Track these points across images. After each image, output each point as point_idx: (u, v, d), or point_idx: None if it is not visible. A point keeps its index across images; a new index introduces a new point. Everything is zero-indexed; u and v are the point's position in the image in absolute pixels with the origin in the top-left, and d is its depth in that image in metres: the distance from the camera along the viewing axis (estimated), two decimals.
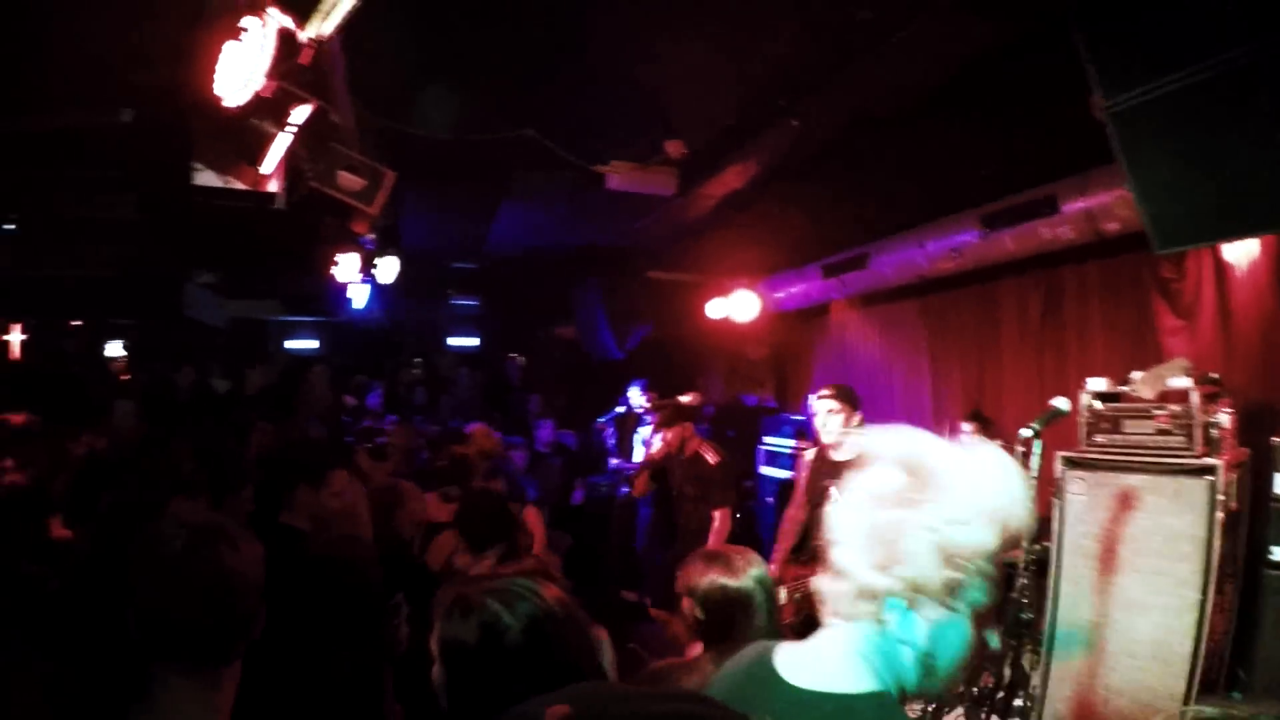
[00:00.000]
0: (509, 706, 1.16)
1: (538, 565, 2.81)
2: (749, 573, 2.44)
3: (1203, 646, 3.79)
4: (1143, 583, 4.11)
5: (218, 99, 2.94)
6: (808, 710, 1.21)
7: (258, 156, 3.41)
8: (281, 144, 3.54)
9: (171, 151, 3.44)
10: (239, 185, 3.52)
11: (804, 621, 3.95)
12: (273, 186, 3.69)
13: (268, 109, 3.28)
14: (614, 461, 7.47)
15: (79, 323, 7.88)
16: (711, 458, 5.51)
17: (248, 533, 1.51)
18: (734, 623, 2.37)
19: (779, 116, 4.85)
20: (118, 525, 2.36)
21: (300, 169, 3.98)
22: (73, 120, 3.33)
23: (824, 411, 4.41)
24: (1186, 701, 3.82)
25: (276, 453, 3.27)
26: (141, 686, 1.34)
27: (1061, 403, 3.59)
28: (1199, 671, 3.80)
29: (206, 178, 3.45)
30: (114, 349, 8.25)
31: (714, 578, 2.44)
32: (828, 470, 4.37)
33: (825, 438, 4.41)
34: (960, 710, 4.96)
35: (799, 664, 1.28)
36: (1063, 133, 4.56)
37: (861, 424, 4.25)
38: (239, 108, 3.07)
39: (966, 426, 6.07)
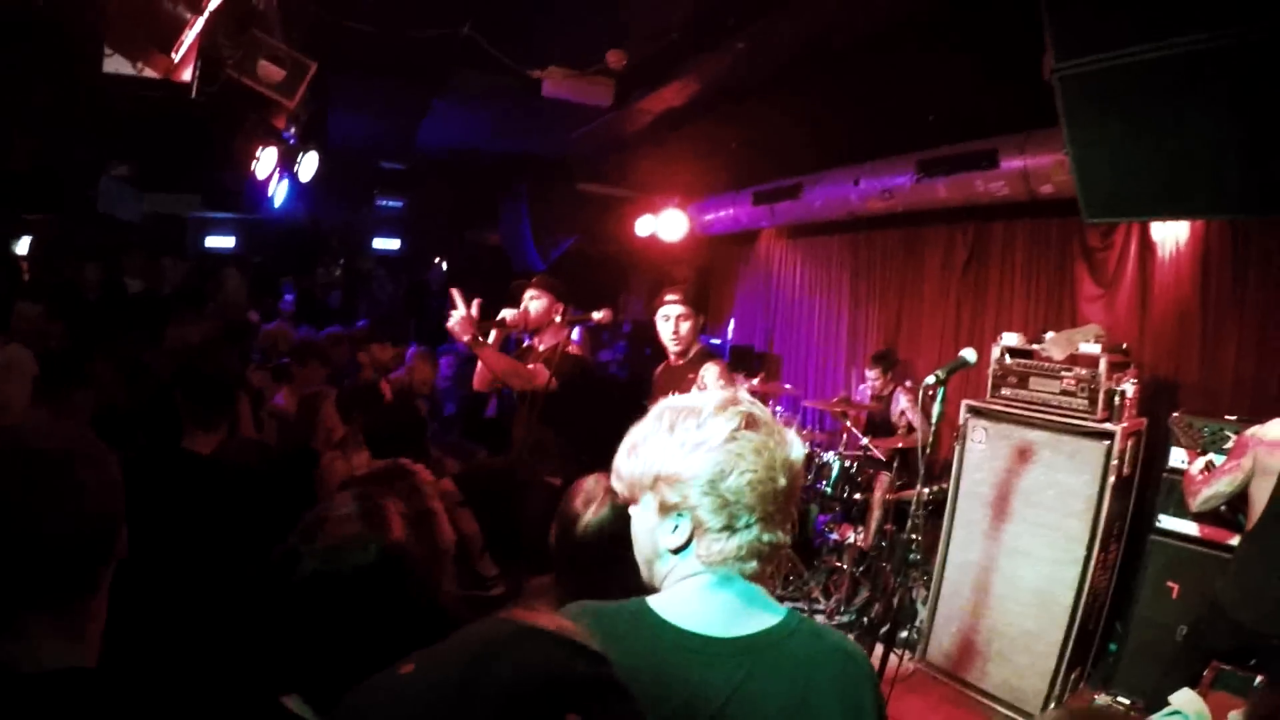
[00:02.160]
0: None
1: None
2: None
3: (1084, 599, 4.06)
4: (1032, 534, 4.35)
5: None
6: (760, 656, 1.21)
7: (171, 43, 3.11)
8: (196, 29, 3.25)
9: (83, 36, 3.11)
10: (151, 73, 3.22)
11: None
12: (186, 75, 3.38)
13: None
14: None
15: None
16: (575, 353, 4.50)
17: (99, 451, 1.36)
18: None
19: (726, 36, 4.69)
20: None
21: (219, 57, 3.67)
22: None
23: (673, 316, 3.89)
24: (1064, 647, 4.10)
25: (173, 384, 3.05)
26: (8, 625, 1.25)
27: (969, 354, 3.66)
28: (1079, 621, 4.07)
29: (117, 64, 3.14)
30: (23, 246, 7.65)
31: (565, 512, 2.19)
32: (674, 378, 3.92)
33: (672, 344, 3.94)
34: (851, 637, 5.24)
35: (709, 612, 1.24)
36: (1009, 89, 4.56)
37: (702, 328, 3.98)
38: None
39: (871, 372, 6.22)
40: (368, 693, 0.68)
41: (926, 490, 5.33)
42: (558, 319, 4.19)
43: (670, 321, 3.89)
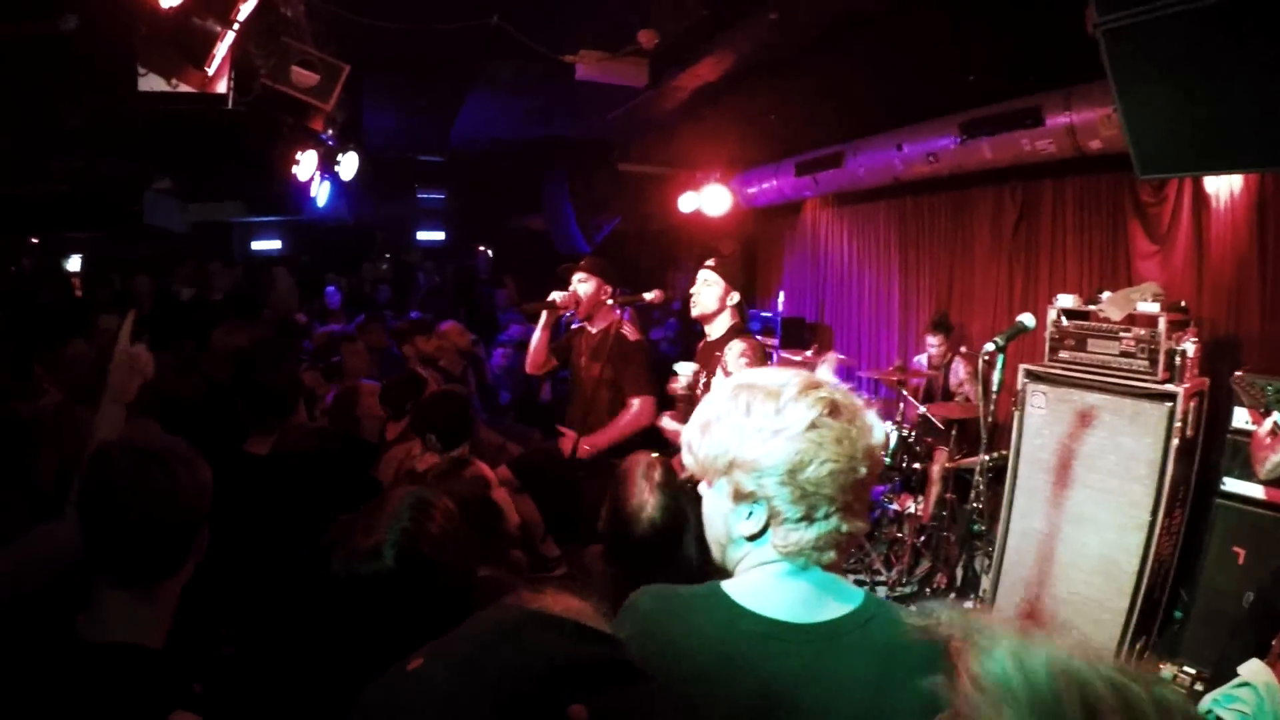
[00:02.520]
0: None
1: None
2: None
3: (1149, 566, 3.94)
4: (1095, 499, 4.24)
5: (154, 1, 2.71)
6: (824, 641, 1.18)
7: (203, 57, 3.17)
8: (227, 42, 3.30)
9: (117, 57, 3.19)
10: (186, 88, 3.30)
11: None
12: (221, 87, 3.46)
13: (210, 6, 3.04)
14: None
15: (35, 240, 7.54)
16: (631, 335, 4.32)
17: (195, 457, 1.56)
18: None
19: (757, 7, 4.61)
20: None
21: (252, 66, 3.74)
22: (15, 31, 3.05)
23: (700, 282, 3.78)
24: (1129, 615, 4.00)
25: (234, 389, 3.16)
26: (86, 596, 1.42)
27: (1027, 319, 3.58)
28: (1143, 589, 3.97)
29: (152, 82, 3.22)
30: (73, 264, 7.94)
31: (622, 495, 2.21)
32: (707, 356, 3.80)
33: (694, 309, 3.81)
34: (913, 609, 5.19)
35: (787, 599, 1.22)
36: (1049, 45, 4.40)
37: (742, 306, 3.77)
38: (178, 7, 2.84)
39: (932, 339, 6.11)
40: (380, 688, 0.69)
41: (986, 458, 5.29)
42: (608, 301, 4.19)
43: (695, 285, 3.81)
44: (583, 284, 4.14)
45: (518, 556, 2.69)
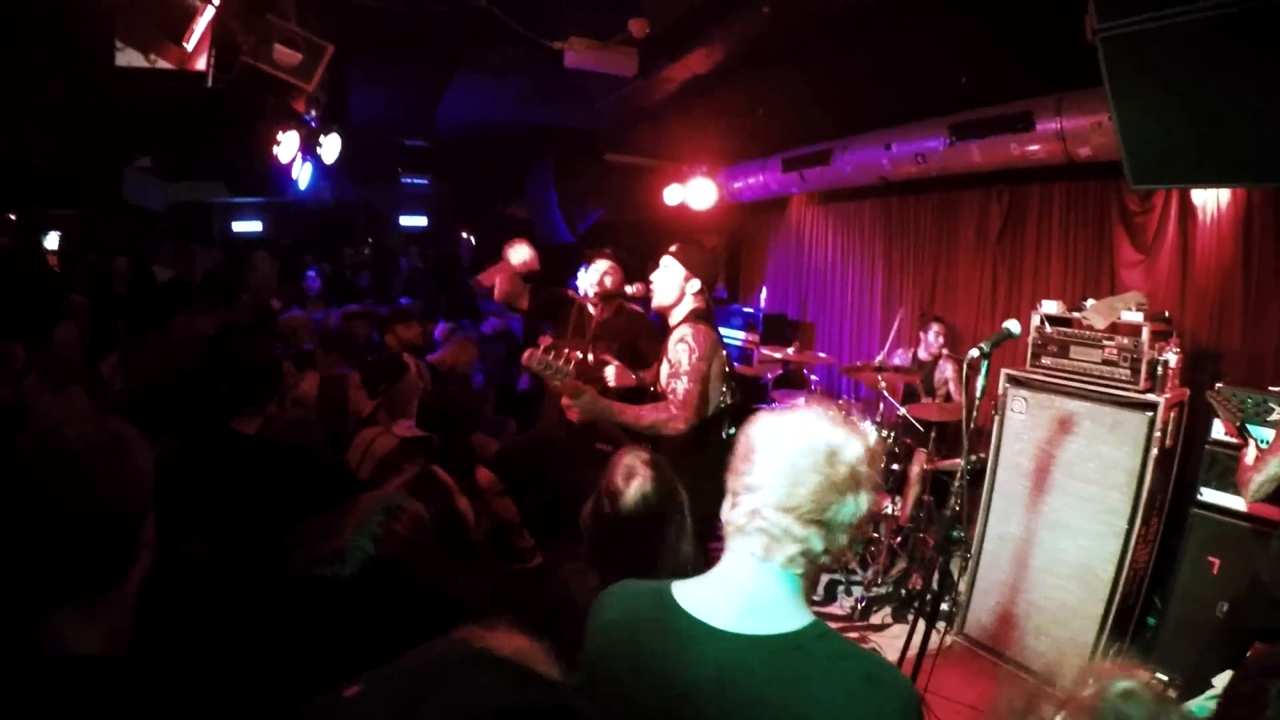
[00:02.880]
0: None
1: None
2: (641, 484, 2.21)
3: (1124, 573, 3.97)
4: (1073, 506, 4.26)
5: None
6: (752, 655, 1.18)
7: (183, 33, 3.08)
8: (207, 17, 3.21)
9: (94, 31, 3.09)
10: (165, 64, 3.20)
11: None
12: (201, 64, 3.36)
13: None
14: None
15: (13, 216, 7.37)
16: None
17: (128, 445, 1.38)
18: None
19: (750, 1, 4.56)
20: None
21: (234, 43, 3.64)
22: None
23: (659, 270, 3.64)
24: (1104, 621, 4.03)
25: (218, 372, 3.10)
26: (35, 614, 1.29)
27: (1013, 326, 3.57)
28: (1118, 596, 3.99)
29: (130, 57, 3.11)
30: (51, 241, 7.77)
31: (605, 486, 2.26)
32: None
33: (654, 300, 3.67)
34: (888, 609, 5.21)
35: (714, 604, 1.25)
36: (1042, 50, 4.39)
37: (704, 293, 3.54)
38: None
39: (936, 328, 6.09)
40: (312, 712, 0.67)
41: (968, 461, 5.30)
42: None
43: (654, 274, 3.66)
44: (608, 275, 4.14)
45: (486, 561, 2.67)
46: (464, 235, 10.68)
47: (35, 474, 1.31)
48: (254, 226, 9.45)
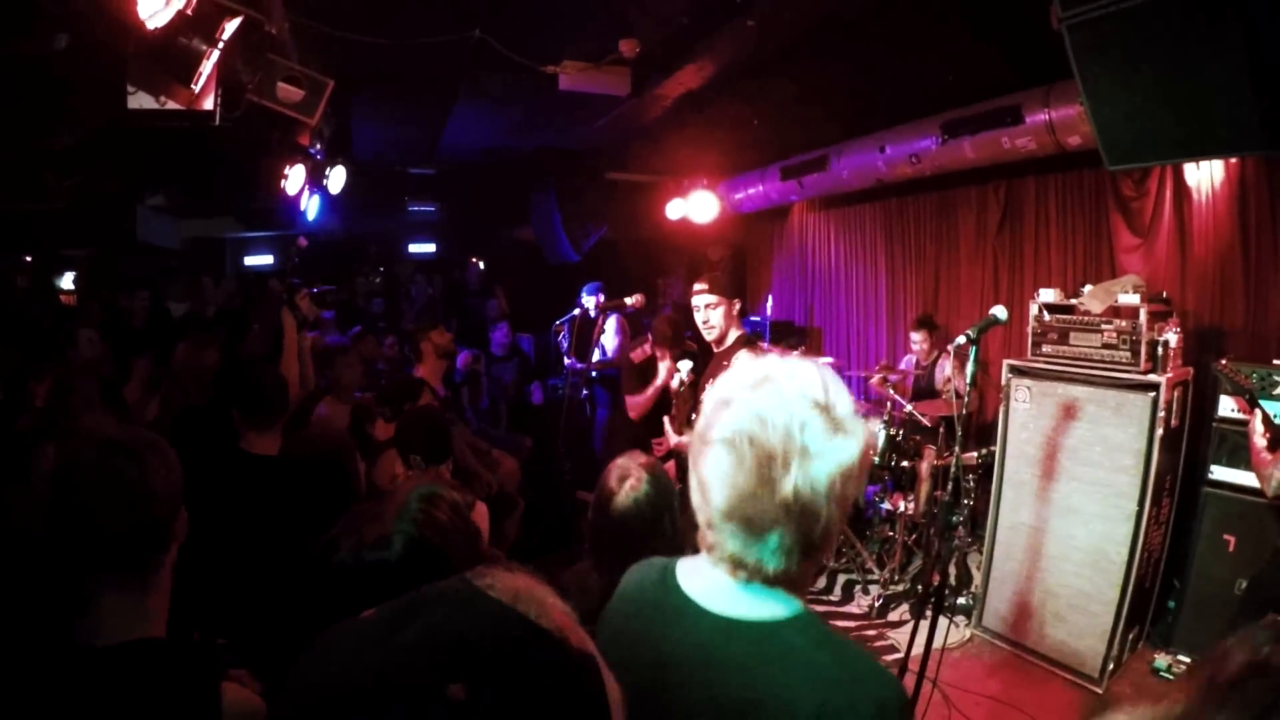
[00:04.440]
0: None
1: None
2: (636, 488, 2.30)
3: (1138, 556, 3.98)
4: (1082, 491, 4.28)
5: (140, 22, 2.75)
6: (734, 638, 1.17)
7: (190, 75, 3.21)
8: (213, 60, 3.34)
9: (107, 76, 3.23)
10: (174, 105, 3.33)
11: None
12: (208, 104, 3.49)
13: (195, 26, 3.08)
14: (567, 362, 7.50)
15: (29, 258, 7.56)
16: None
17: (161, 443, 1.54)
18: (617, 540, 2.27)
19: (735, 15, 4.66)
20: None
21: (239, 83, 3.78)
22: (6, 50, 3.08)
23: (701, 306, 3.81)
24: (1119, 606, 4.03)
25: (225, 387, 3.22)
26: (80, 601, 1.41)
27: (999, 311, 3.60)
28: (1133, 580, 4.00)
29: (141, 100, 3.25)
30: (66, 281, 7.96)
31: (600, 490, 2.36)
32: (716, 367, 3.87)
33: (706, 334, 3.84)
34: (905, 606, 5.23)
35: (709, 586, 1.23)
36: (1027, 43, 4.45)
37: (743, 312, 3.80)
38: (164, 28, 2.88)
39: (916, 336, 6.16)
40: (332, 631, 0.70)
41: (975, 454, 5.33)
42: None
43: (701, 311, 3.84)
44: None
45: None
46: (473, 261, 10.82)
47: (87, 460, 1.44)
48: (265, 260, 9.62)
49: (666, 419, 4.21)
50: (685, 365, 4.11)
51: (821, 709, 1.07)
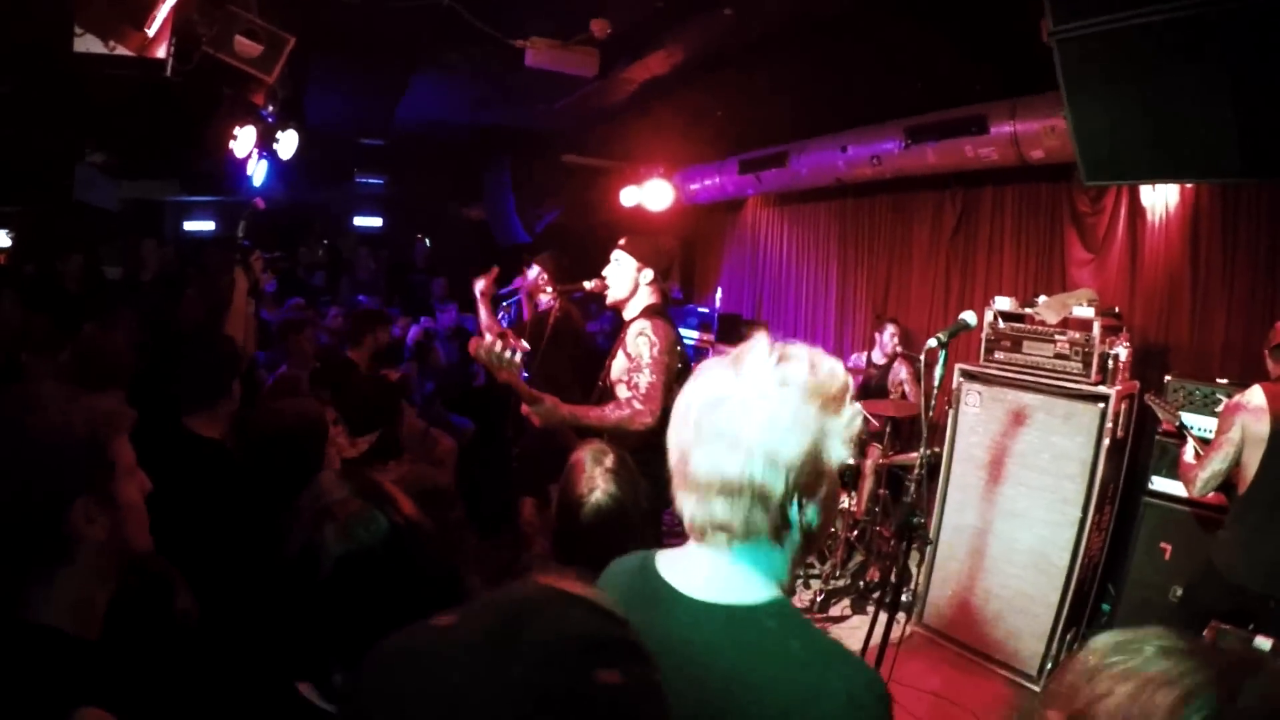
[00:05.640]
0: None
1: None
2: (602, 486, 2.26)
3: (1079, 561, 4.10)
4: (1028, 496, 4.39)
5: None
6: (709, 622, 1.17)
7: (145, 18, 3.02)
8: (170, 3, 3.16)
9: (54, 16, 3.01)
10: (124, 51, 3.13)
11: None
12: (161, 52, 3.29)
13: None
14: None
15: None
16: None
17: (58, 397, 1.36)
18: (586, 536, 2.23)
19: (713, 4, 4.62)
20: None
21: (194, 33, 3.58)
22: None
23: (611, 264, 3.62)
24: (1059, 608, 4.15)
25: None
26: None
27: (969, 316, 3.65)
28: (1074, 583, 4.12)
29: (89, 43, 3.04)
30: (2, 238, 7.50)
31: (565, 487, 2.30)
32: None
33: (608, 296, 3.65)
34: (846, 601, 5.29)
35: (688, 573, 1.23)
36: (996, 55, 4.52)
37: (657, 283, 3.55)
38: None
39: (892, 329, 6.20)
40: (404, 637, 0.68)
41: (926, 452, 5.39)
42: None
43: (607, 269, 3.64)
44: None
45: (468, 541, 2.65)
46: (419, 237, 10.59)
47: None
48: (207, 226, 9.24)
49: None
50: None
51: (794, 694, 1.08)
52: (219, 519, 2.38)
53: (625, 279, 3.55)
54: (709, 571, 1.21)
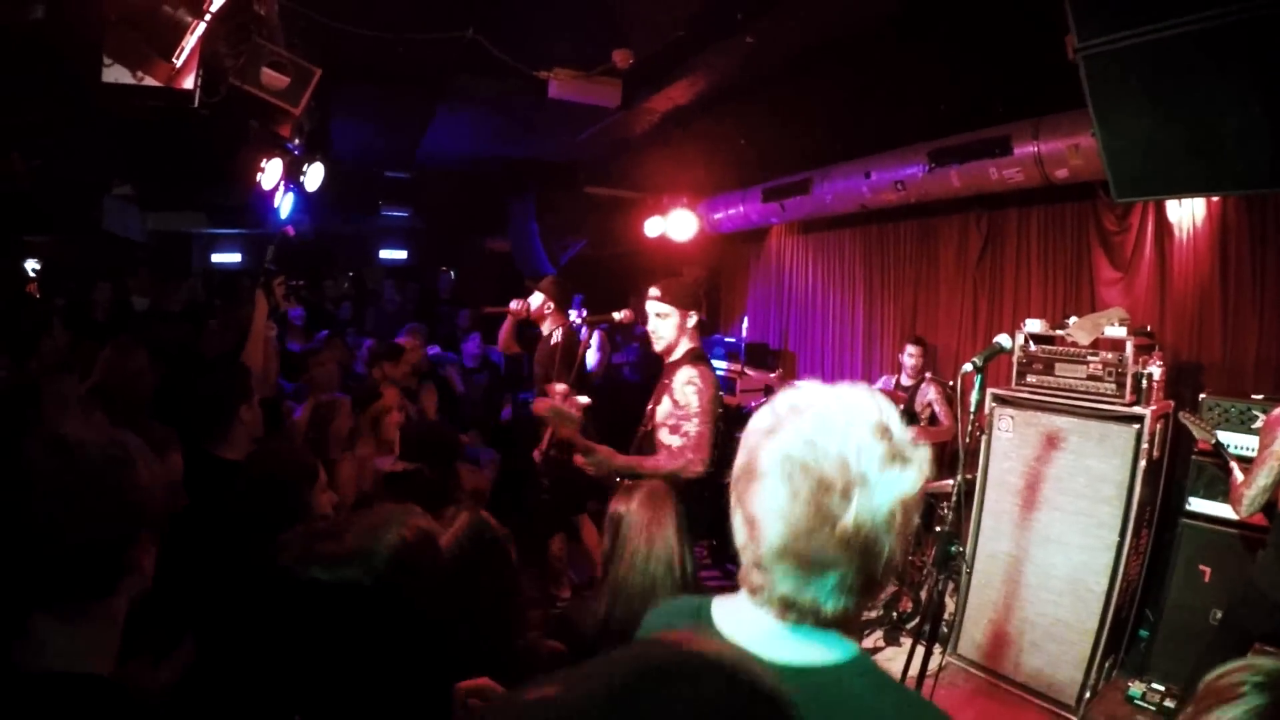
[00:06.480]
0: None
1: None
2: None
3: (1117, 586, 3.97)
4: (1063, 521, 4.27)
5: None
6: (794, 686, 1.08)
7: (172, 48, 3.07)
8: (197, 34, 3.21)
9: (83, 48, 3.07)
10: (151, 81, 3.18)
11: None
12: (188, 83, 3.34)
13: None
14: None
15: None
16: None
17: (138, 455, 1.37)
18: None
19: (733, 32, 4.64)
20: None
21: (221, 65, 3.64)
22: None
23: (652, 315, 3.65)
24: (1098, 635, 4.02)
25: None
26: (21, 625, 1.25)
27: (1004, 339, 3.61)
28: (1112, 609, 3.99)
29: (116, 73, 3.10)
30: (28, 267, 7.69)
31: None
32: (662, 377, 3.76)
33: (655, 343, 3.69)
34: (880, 632, 5.16)
35: (755, 632, 1.10)
36: (1019, 76, 4.50)
37: (700, 324, 3.64)
38: None
39: (912, 349, 6.12)
40: (507, 713, 0.66)
41: (961, 479, 5.29)
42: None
43: (651, 320, 3.68)
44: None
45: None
46: (444, 269, 10.68)
47: (39, 464, 1.27)
48: (233, 258, 9.39)
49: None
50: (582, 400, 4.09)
51: None
52: (233, 538, 2.37)
53: (672, 329, 3.62)
54: (772, 628, 1.09)
